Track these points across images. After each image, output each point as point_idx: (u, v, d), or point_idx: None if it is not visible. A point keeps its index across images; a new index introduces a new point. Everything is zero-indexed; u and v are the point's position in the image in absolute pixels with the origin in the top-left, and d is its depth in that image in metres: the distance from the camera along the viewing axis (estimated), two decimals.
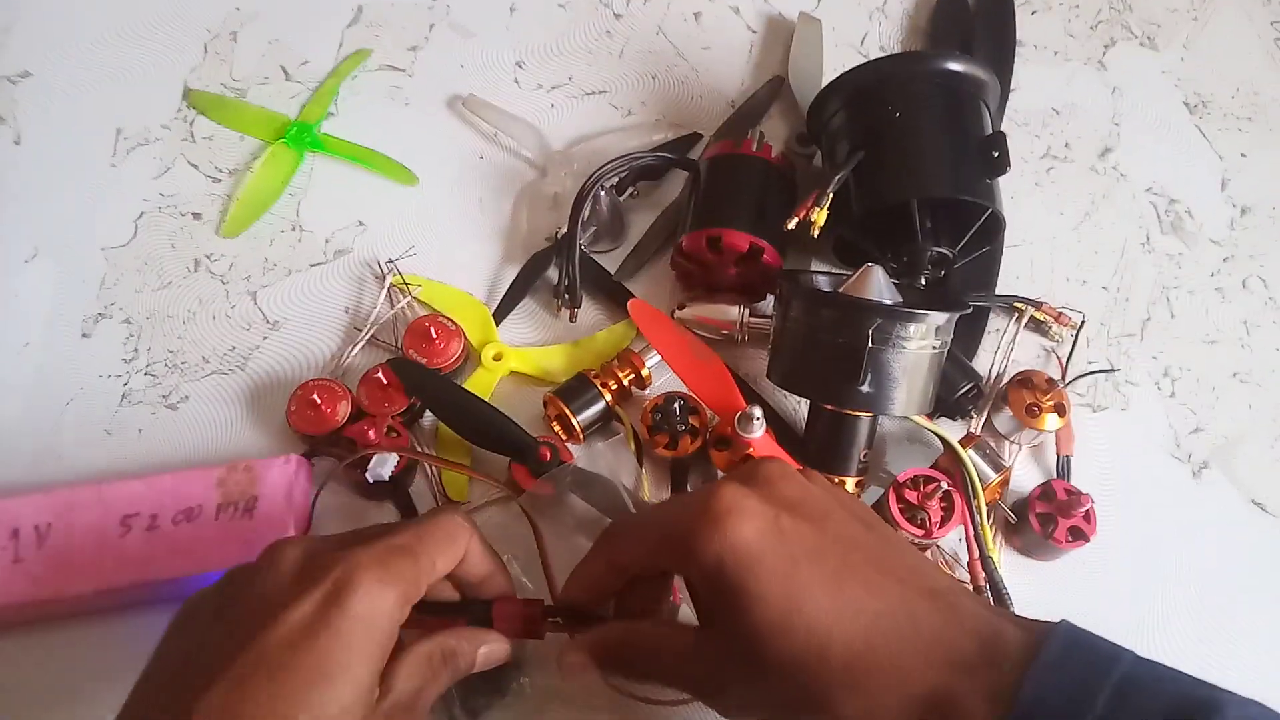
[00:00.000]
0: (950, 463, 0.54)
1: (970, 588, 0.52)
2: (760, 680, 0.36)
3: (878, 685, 0.35)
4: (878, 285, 0.51)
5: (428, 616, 0.40)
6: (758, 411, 0.52)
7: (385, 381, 0.56)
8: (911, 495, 0.52)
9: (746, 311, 0.59)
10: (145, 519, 0.50)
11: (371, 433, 0.53)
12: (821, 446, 0.54)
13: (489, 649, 0.41)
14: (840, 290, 0.52)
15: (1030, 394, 0.56)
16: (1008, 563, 0.56)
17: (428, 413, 0.58)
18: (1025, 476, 0.58)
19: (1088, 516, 0.54)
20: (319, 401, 0.55)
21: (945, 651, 0.35)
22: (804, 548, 0.37)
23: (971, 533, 0.53)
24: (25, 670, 0.50)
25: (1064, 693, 0.33)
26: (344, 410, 0.55)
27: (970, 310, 0.59)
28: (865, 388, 0.50)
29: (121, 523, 0.50)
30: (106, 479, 0.52)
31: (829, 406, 0.52)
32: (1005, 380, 0.58)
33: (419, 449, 0.56)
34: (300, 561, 0.37)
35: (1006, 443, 0.57)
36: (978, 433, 0.57)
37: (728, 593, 0.36)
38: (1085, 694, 0.32)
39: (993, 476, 0.54)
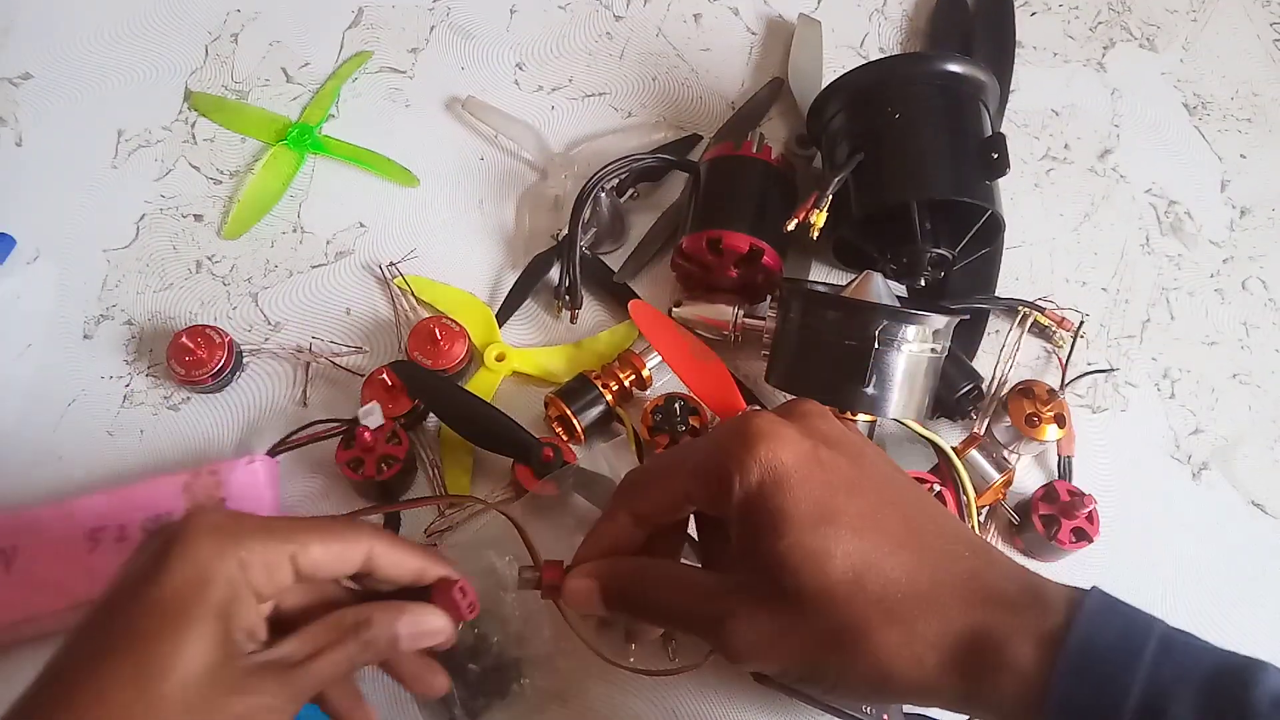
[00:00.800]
0: (945, 469, 0.54)
1: None
2: (790, 615, 0.35)
3: (915, 617, 0.33)
4: (878, 290, 0.51)
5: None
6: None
7: (390, 384, 0.56)
8: None
9: (740, 311, 0.59)
10: (114, 531, 0.50)
11: (368, 434, 0.53)
12: None
13: (414, 620, 0.39)
14: (842, 295, 0.53)
15: (1030, 404, 0.56)
16: None
17: (432, 414, 0.58)
18: (1027, 477, 0.59)
19: (1090, 518, 0.54)
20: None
21: (986, 591, 0.34)
22: (842, 480, 0.36)
23: None
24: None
25: (1112, 642, 0.32)
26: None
27: (969, 316, 0.59)
28: (869, 389, 0.50)
29: (89, 537, 0.50)
30: (70, 496, 0.51)
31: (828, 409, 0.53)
32: (1008, 386, 0.58)
33: (423, 453, 0.57)
34: (157, 531, 0.37)
35: (1006, 451, 0.57)
36: (980, 433, 0.57)
37: (764, 517, 0.35)
38: (1133, 645, 0.32)
39: (996, 477, 0.54)
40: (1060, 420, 0.56)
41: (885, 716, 0.48)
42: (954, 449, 0.55)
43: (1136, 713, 0.31)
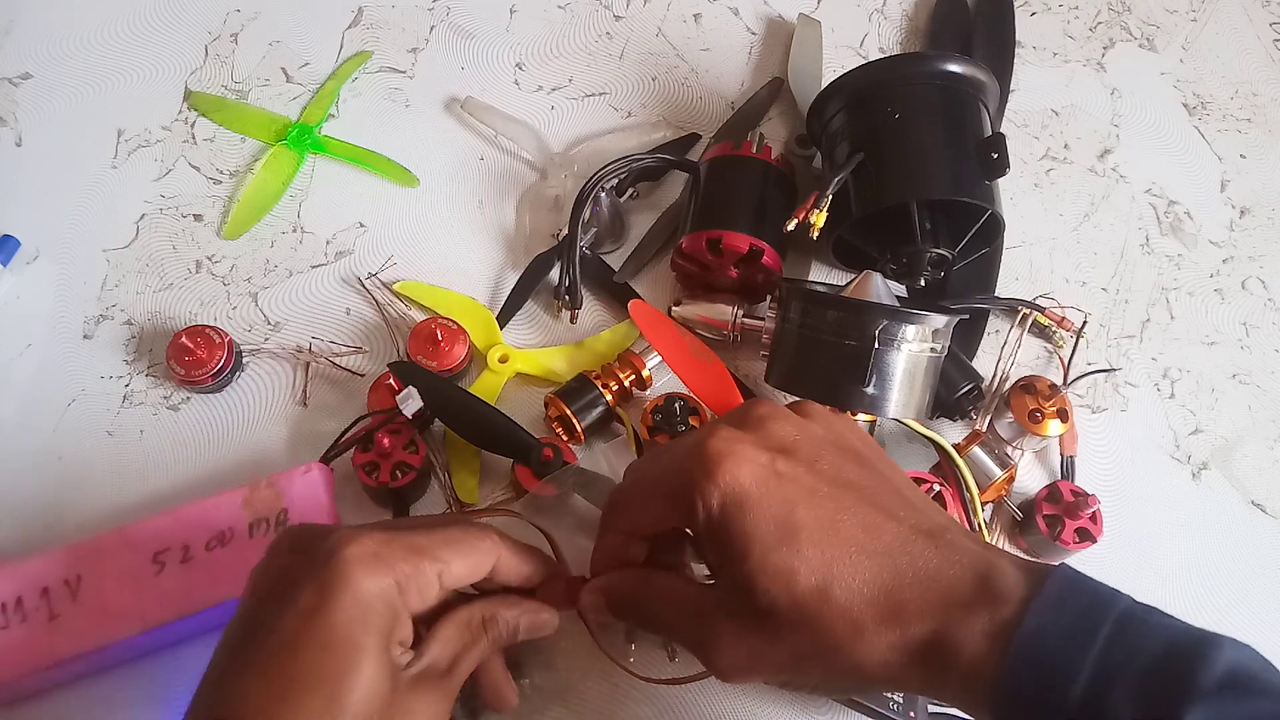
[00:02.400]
0: (947, 468, 0.54)
1: None
2: (765, 632, 0.36)
3: (879, 625, 0.35)
4: (877, 290, 0.51)
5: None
6: None
7: (396, 387, 0.56)
8: None
9: (740, 311, 0.59)
10: (178, 552, 0.50)
11: (387, 440, 0.53)
12: None
13: (532, 615, 0.43)
14: (842, 294, 0.53)
15: (1033, 400, 0.56)
16: None
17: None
18: (1029, 477, 0.59)
19: (1094, 518, 0.54)
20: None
21: (943, 590, 0.35)
22: (800, 491, 0.37)
23: None
24: None
25: (1065, 628, 0.33)
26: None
27: (969, 316, 0.59)
28: (870, 389, 0.50)
29: (154, 560, 0.50)
30: (126, 522, 0.51)
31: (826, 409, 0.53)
32: (1009, 384, 0.58)
33: (432, 457, 0.56)
34: (302, 553, 0.38)
35: (1009, 448, 0.57)
36: (982, 430, 0.57)
37: (728, 540, 0.36)
38: (1086, 629, 0.32)
39: (998, 473, 0.54)
40: (1063, 415, 0.56)
41: (913, 714, 0.48)
42: (955, 446, 0.55)
43: (1081, 701, 0.31)
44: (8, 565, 0.49)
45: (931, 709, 0.49)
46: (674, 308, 0.60)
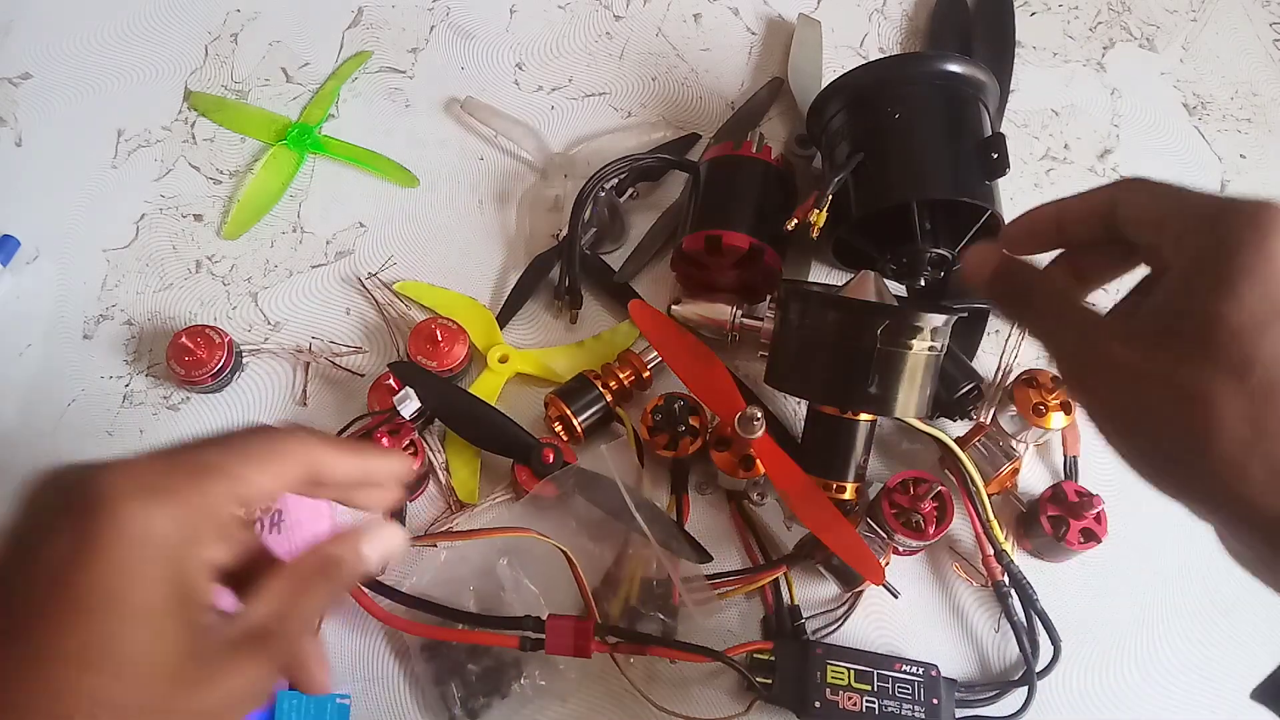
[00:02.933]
0: (951, 464, 0.54)
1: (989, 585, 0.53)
2: (1180, 367, 0.32)
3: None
4: (875, 289, 0.51)
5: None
6: (758, 412, 0.52)
7: (396, 388, 0.56)
8: (903, 499, 0.52)
9: (739, 311, 0.59)
10: None
11: (385, 441, 0.53)
12: (820, 451, 0.54)
13: (378, 540, 0.34)
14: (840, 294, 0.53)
15: (1036, 393, 0.56)
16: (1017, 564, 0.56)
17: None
18: (1033, 477, 0.59)
19: (1099, 518, 0.54)
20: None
21: None
22: None
23: (980, 529, 0.53)
24: None
25: None
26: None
27: (967, 314, 0.59)
28: (873, 389, 0.50)
29: None
30: None
31: (828, 410, 0.52)
32: (1013, 377, 0.58)
33: (432, 458, 0.56)
34: (51, 494, 0.31)
35: (1014, 441, 0.57)
36: (986, 423, 0.57)
37: (1234, 277, 0.32)
38: None
39: (1004, 465, 0.54)
40: (1066, 407, 0.56)
41: None
42: (958, 440, 0.55)
43: None
44: None
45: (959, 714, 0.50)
46: (674, 307, 0.60)
